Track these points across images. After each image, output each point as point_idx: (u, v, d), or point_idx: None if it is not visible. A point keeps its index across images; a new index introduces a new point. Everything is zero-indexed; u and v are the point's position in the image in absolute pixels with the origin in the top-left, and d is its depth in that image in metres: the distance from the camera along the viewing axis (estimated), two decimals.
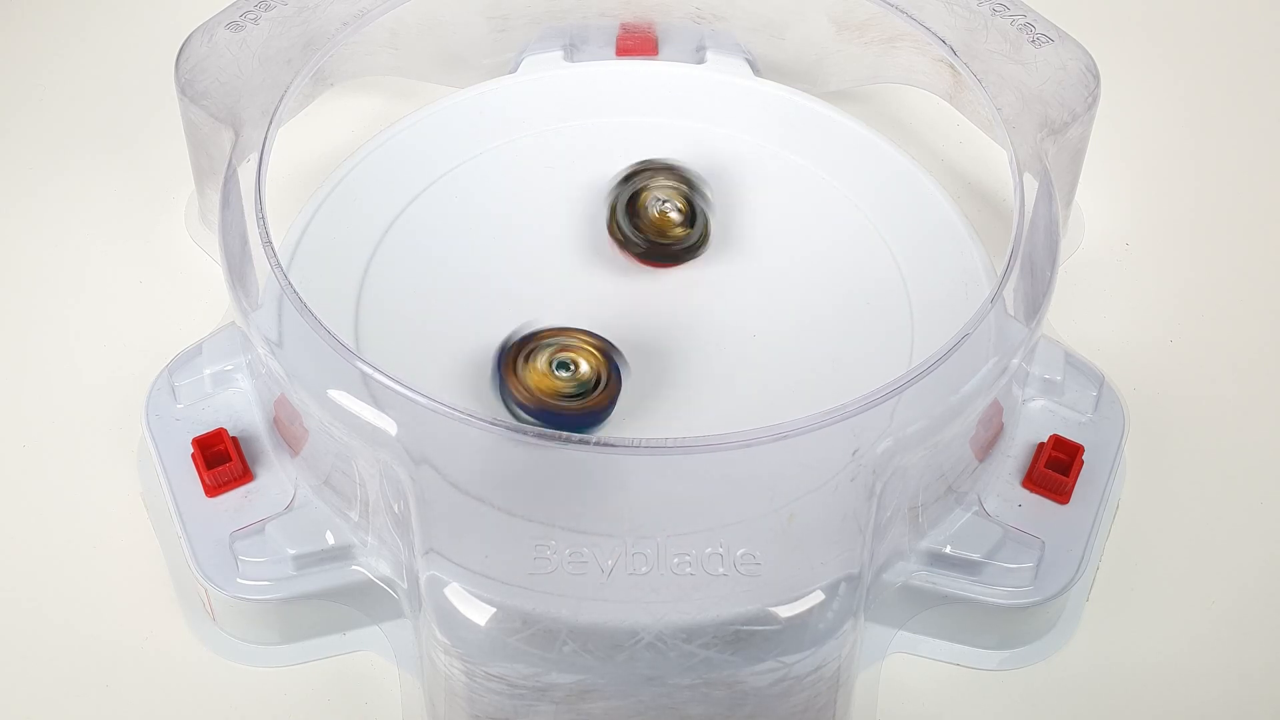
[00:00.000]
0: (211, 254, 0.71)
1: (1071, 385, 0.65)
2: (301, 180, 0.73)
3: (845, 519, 0.56)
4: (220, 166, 0.65)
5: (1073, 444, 0.63)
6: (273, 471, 0.63)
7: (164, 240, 0.74)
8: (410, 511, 0.56)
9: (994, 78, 0.68)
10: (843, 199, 0.70)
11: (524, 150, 0.72)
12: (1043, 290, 0.62)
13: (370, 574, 0.60)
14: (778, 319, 0.66)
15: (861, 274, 0.67)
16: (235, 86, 0.67)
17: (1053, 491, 0.63)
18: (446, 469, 0.57)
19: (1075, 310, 0.72)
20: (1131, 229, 0.76)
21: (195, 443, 0.62)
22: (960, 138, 0.78)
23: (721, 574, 0.55)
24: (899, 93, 0.78)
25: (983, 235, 0.68)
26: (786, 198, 0.70)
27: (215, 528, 0.61)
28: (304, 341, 0.59)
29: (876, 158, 0.71)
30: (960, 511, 0.61)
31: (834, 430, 0.57)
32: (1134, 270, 0.74)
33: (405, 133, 0.72)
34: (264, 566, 0.60)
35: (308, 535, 0.60)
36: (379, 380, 0.58)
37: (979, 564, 0.60)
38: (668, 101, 0.74)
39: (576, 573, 0.55)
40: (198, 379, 0.65)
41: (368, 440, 0.57)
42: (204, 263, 0.72)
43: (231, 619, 0.62)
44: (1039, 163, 0.65)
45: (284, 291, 0.60)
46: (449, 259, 0.67)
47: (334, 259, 0.67)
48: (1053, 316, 0.69)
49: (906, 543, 0.60)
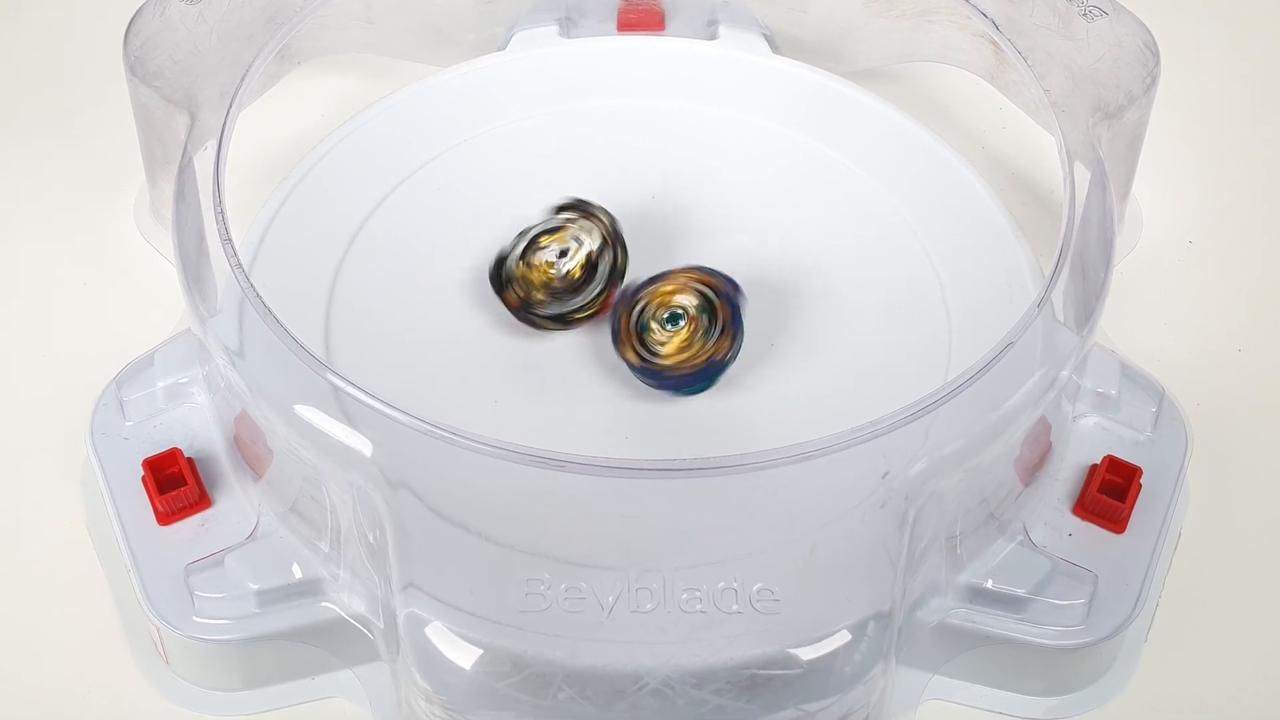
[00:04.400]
0: (164, 252, 0.71)
1: (1128, 400, 0.65)
2: (265, 170, 0.73)
3: (874, 550, 0.57)
4: (174, 154, 0.65)
5: (1129, 466, 0.64)
6: (233, 497, 0.63)
7: (111, 237, 0.74)
8: (387, 541, 0.57)
9: (1041, 55, 0.68)
10: (871, 191, 0.70)
11: (514, 137, 0.72)
12: (1095, 293, 0.62)
13: (342, 611, 0.60)
14: (798, 326, 0.66)
15: (892, 275, 0.67)
16: (191, 65, 0.67)
17: (1107, 519, 0.63)
18: (428, 494, 0.57)
19: (1132, 316, 0.72)
20: (1195, 225, 0.76)
21: (146, 464, 0.63)
22: (1003, 122, 0.78)
23: (736, 611, 0.55)
24: (934, 72, 0.78)
25: (1028, 232, 0.69)
26: (808, 190, 0.70)
27: (168, 559, 0.61)
28: (268, 351, 0.59)
29: (909, 145, 0.71)
30: (1003, 542, 0.61)
31: (861, 450, 0.57)
32: (1198, 271, 0.74)
33: (381, 117, 0.72)
34: (223, 603, 0.60)
35: (272, 568, 0.60)
36: (352, 394, 0.58)
37: (1024, 600, 0.60)
38: (675, 82, 0.74)
39: (573, 610, 0.55)
40: (149, 393, 0.65)
41: (340, 462, 0.58)
42: (156, 262, 0.72)
43: (187, 662, 0.62)
44: (1091, 150, 0.65)
45: (245, 294, 0.60)
46: (431, 259, 0.68)
47: (302, 258, 0.67)
48: (1107, 323, 0.68)
49: (943, 576, 0.60)
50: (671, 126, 0.72)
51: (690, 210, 0.70)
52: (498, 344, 0.65)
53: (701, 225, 0.69)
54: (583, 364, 0.65)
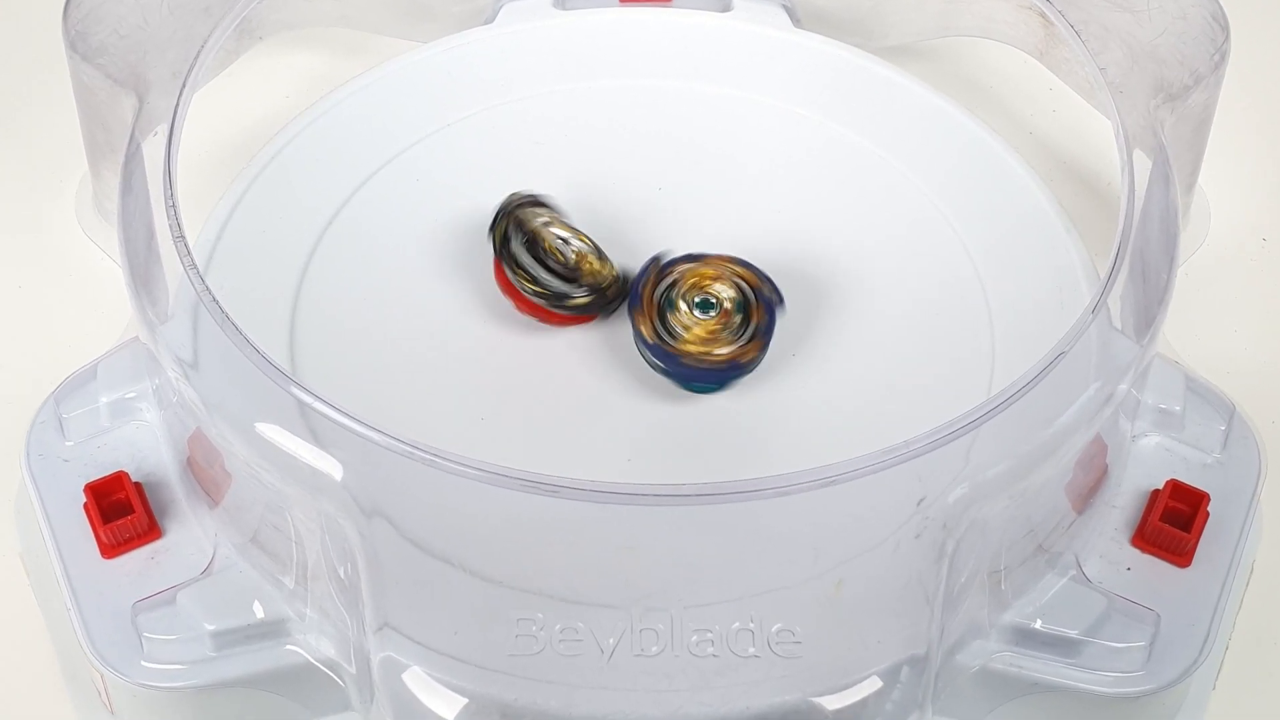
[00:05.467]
0: (109, 251, 0.71)
1: (1194, 418, 0.65)
2: (223, 159, 0.73)
3: (908, 586, 0.56)
4: (120, 141, 0.65)
5: (1195, 491, 0.63)
6: (186, 527, 0.63)
7: (49, 234, 0.74)
8: (360, 576, 0.56)
9: (1096, 29, 0.68)
10: (904, 181, 0.70)
11: (503, 122, 0.72)
12: (1157, 297, 0.62)
13: (309, 655, 0.60)
14: (821, 333, 0.66)
15: (928, 276, 0.67)
16: (139, 40, 0.67)
17: (1170, 551, 0.63)
18: (406, 523, 0.57)
19: (1199, 323, 0.72)
20: (1269, 220, 0.76)
21: (89, 490, 0.62)
22: (1053, 105, 0.78)
23: (752, 655, 0.55)
24: (976, 48, 0.79)
25: (1081, 228, 0.69)
26: (833, 181, 0.70)
27: (114, 597, 0.61)
28: (226, 362, 0.59)
29: (947, 130, 0.72)
30: (1053, 577, 0.61)
31: (894, 474, 0.57)
32: (1273, 271, 0.74)
33: (354, 99, 0.72)
34: (175, 646, 0.60)
35: (230, 606, 0.60)
36: (320, 410, 0.57)
37: (1077, 643, 0.60)
38: (684, 60, 0.74)
39: (569, 653, 0.55)
40: (91, 409, 0.64)
41: (307, 486, 0.57)
42: (100, 262, 0.72)
43: (134, 712, 0.61)
44: (1152, 136, 0.65)
45: (201, 298, 0.60)
46: (409, 258, 0.68)
47: (264, 257, 0.67)
48: (1170, 331, 0.68)
49: (986, 616, 0.60)
50: (680, 110, 0.72)
51: (700, 204, 0.70)
52: (485, 355, 0.65)
53: (713, 221, 0.69)
54: (580, 378, 0.65)
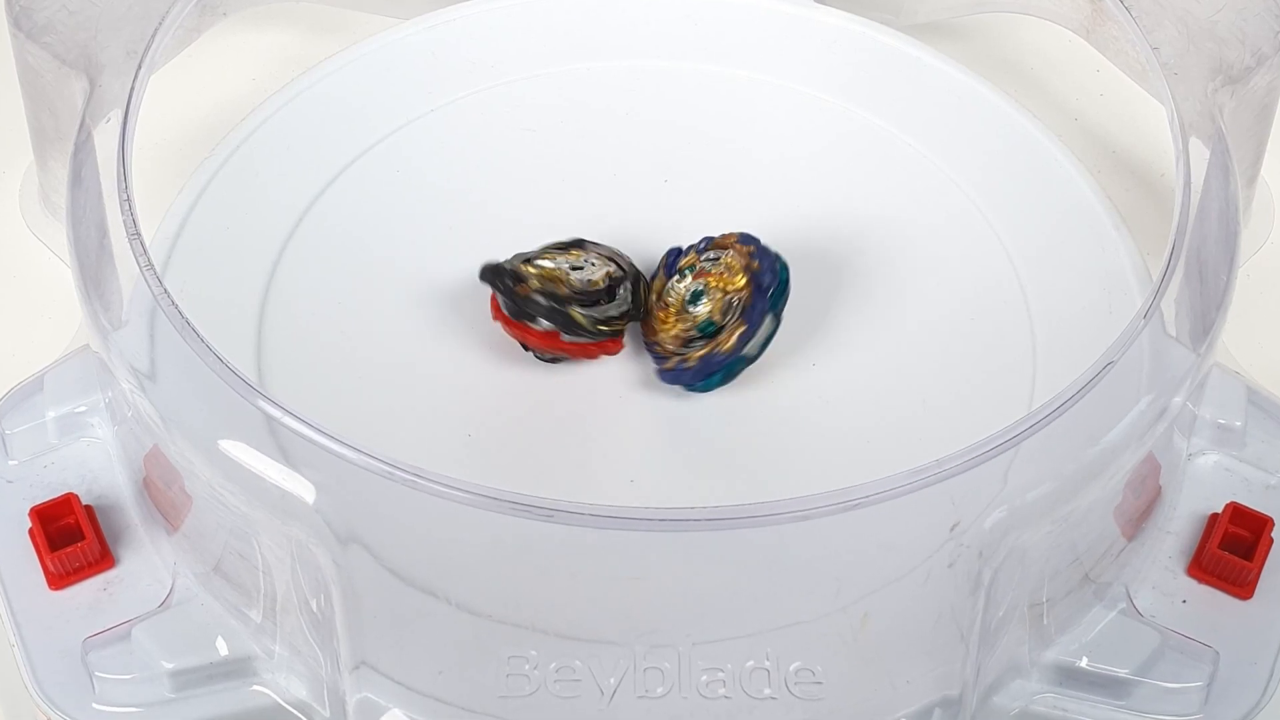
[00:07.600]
0: (57, 250, 0.71)
1: (1256, 434, 0.66)
2: (183, 148, 0.73)
3: (940, 620, 0.57)
4: (69, 128, 0.65)
5: (1258, 516, 0.64)
6: (142, 554, 0.63)
7: None
8: (334, 610, 0.57)
9: (1148, 4, 0.68)
10: (937, 172, 0.70)
11: (492, 107, 0.72)
12: (1216, 301, 0.62)
13: (278, 697, 0.60)
14: (846, 341, 0.66)
15: (963, 278, 0.68)
16: (90, 17, 0.67)
17: (1230, 582, 0.63)
18: (384, 550, 0.57)
19: (1261, 329, 0.72)
20: None
21: (34, 514, 0.63)
22: (1100, 88, 0.78)
23: (768, 696, 0.56)
24: (1015, 25, 0.79)
25: (1132, 225, 0.69)
26: (859, 172, 0.70)
27: (62, 632, 0.61)
28: (186, 372, 0.59)
29: (983, 116, 0.72)
30: (1101, 610, 0.62)
31: (924, 496, 0.56)
32: None
33: (326, 82, 0.72)
34: (130, 686, 0.60)
35: (191, 643, 0.60)
36: (290, 426, 0.57)
37: (1128, 683, 0.61)
38: (694, 39, 0.74)
39: (566, 694, 0.56)
40: (37, 425, 0.65)
41: (275, 510, 0.57)
42: (46, 261, 0.72)
43: None
44: (1211, 123, 0.65)
45: (158, 302, 0.60)
46: (388, 258, 0.68)
47: (228, 257, 0.67)
48: (1230, 338, 0.69)
49: (1026, 653, 0.60)
50: (687, 94, 0.72)
51: (711, 197, 0.70)
52: (471, 366, 0.65)
53: (723, 218, 0.68)
54: (574, 390, 0.65)
